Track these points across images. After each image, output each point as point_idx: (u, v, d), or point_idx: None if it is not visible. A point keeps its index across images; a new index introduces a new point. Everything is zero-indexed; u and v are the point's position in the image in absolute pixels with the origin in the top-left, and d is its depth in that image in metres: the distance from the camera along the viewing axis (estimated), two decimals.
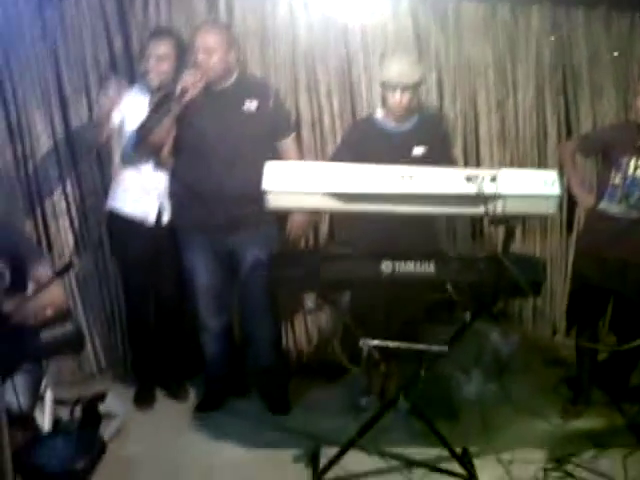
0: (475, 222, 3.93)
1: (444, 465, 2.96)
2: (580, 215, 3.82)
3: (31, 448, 2.58)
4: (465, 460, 2.95)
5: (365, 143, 3.28)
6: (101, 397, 3.34)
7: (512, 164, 3.84)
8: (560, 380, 3.63)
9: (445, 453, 2.94)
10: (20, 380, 2.66)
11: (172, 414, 3.55)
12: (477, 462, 2.96)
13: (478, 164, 3.81)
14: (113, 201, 3.43)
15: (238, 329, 3.71)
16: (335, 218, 3.74)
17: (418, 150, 3.25)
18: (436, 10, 3.69)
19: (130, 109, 3.29)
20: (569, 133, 3.87)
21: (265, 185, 2.59)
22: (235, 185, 3.14)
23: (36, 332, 2.70)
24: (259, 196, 2.62)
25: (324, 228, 3.84)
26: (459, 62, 3.76)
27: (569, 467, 2.97)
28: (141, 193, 3.37)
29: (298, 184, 2.61)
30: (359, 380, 3.48)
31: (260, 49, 3.64)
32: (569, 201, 3.73)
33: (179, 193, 3.33)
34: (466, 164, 3.79)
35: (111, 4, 3.52)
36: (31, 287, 2.73)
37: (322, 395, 3.67)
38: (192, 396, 3.69)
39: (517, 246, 3.93)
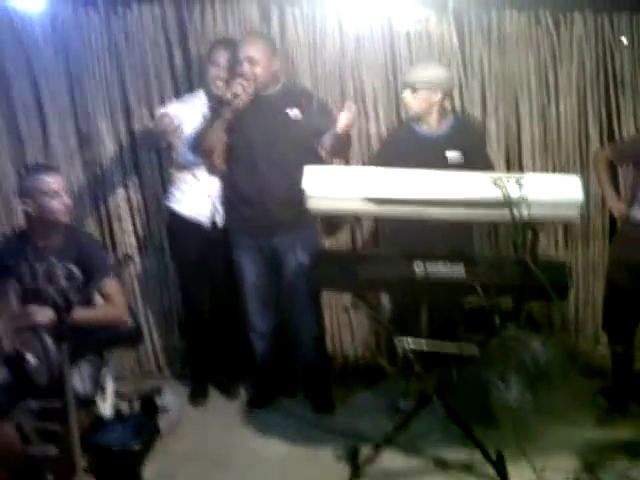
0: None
1: (477, 468, 3.06)
2: None
3: (94, 430, 2.82)
4: (499, 464, 3.00)
5: (401, 147, 3.39)
6: (158, 391, 3.54)
7: (555, 171, 3.86)
8: (597, 390, 3.57)
9: (480, 457, 3.02)
10: (83, 367, 2.90)
11: (223, 411, 3.72)
12: (509, 468, 3.00)
13: (521, 172, 3.81)
14: (171, 203, 3.62)
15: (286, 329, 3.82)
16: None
17: (453, 154, 3.32)
18: (479, 19, 3.77)
19: (189, 115, 3.45)
20: (611, 140, 3.85)
21: (305, 189, 2.75)
22: (279, 189, 3.30)
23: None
24: (301, 200, 2.77)
25: (367, 226, 3.94)
26: (502, 70, 3.81)
27: (601, 476, 2.98)
28: (197, 196, 3.55)
29: (337, 189, 2.77)
30: (399, 384, 3.56)
31: (309, 59, 3.78)
32: None
33: (229, 197, 3.50)
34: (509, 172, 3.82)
35: (171, 17, 3.72)
36: (97, 298, 2.96)
37: (364, 398, 3.78)
38: (242, 395, 3.85)
39: (560, 253, 3.97)
